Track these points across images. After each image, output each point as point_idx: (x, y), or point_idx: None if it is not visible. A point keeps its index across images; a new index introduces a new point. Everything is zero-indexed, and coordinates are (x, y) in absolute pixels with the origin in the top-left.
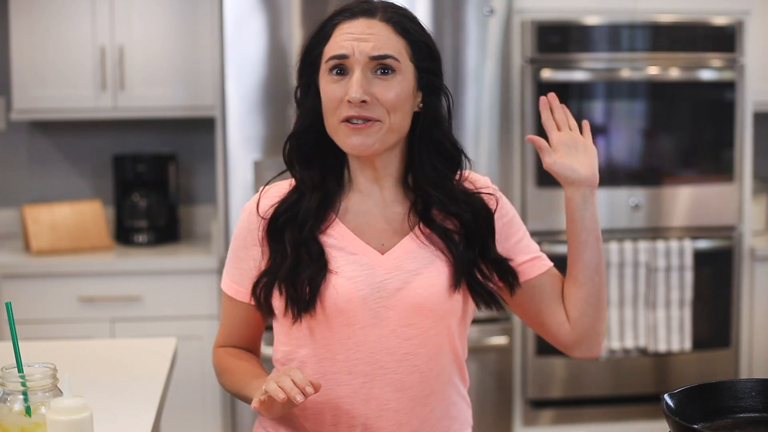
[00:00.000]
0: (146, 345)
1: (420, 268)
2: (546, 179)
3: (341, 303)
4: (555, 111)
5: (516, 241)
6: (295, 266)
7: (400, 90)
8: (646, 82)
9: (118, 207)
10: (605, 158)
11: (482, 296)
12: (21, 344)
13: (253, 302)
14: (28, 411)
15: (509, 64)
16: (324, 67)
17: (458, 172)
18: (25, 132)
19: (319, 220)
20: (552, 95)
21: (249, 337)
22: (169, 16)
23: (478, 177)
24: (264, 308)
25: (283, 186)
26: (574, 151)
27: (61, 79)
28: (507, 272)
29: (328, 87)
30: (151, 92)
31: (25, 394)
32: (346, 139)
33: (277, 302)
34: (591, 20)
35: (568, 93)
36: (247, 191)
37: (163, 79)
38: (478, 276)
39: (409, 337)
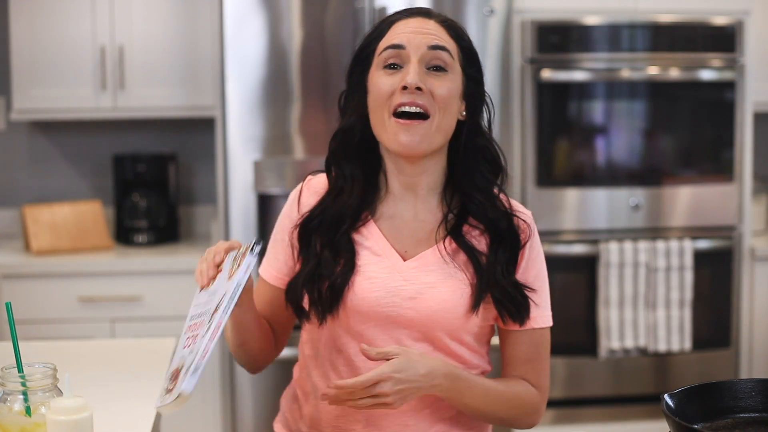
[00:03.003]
0: (146, 345)
1: (436, 282)
2: (546, 179)
3: (357, 300)
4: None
5: (533, 277)
6: (317, 268)
7: (452, 87)
8: (646, 82)
9: (118, 207)
10: (605, 158)
11: (507, 308)
12: (21, 344)
13: (283, 287)
14: (28, 411)
15: (509, 64)
16: (377, 61)
17: (500, 178)
18: (25, 132)
19: (356, 219)
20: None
21: (282, 327)
22: (169, 16)
23: (522, 208)
24: (297, 310)
25: (326, 183)
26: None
27: (61, 79)
28: (519, 299)
29: (380, 80)
30: (151, 92)
31: (25, 394)
32: (394, 136)
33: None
34: (591, 20)
35: (568, 93)
36: (247, 191)
37: (163, 79)
38: (502, 291)
39: (418, 343)
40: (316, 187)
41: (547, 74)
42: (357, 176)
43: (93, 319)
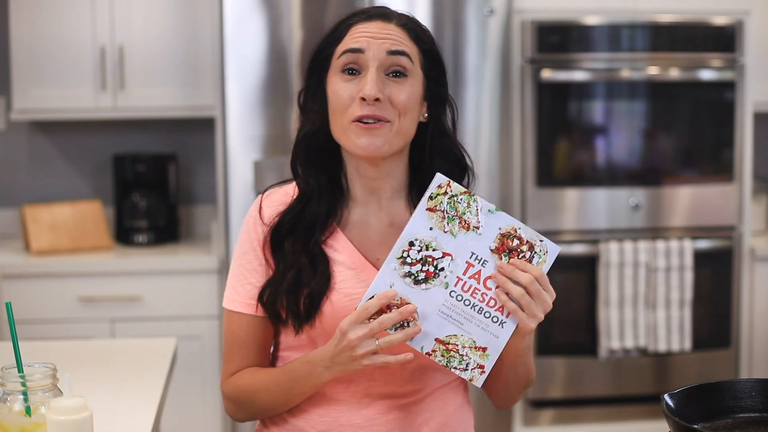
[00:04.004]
0: (146, 345)
1: None
2: (546, 179)
3: (337, 319)
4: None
5: None
6: (297, 277)
7: (411, 92)
8: (646, 82)
9: (118, 207)
10: (605, 158)
11: None
12: (21, 344)
13: (262, 312)
14: (28, 411)
15: (509, 64)
16: (335, 65)
17: (466, 179)
18: (25, 132)
19: (324, 228)
20: (505, 269)
21: (266, 353)
22: (169, 15)
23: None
24: (273, 317)
25: (287, 192)
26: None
27: (61, 79)
28: None
29: (339, 86)
30: (151, 92)
31: (25, 394)
32: (355, 139)
33: (282, 311)
34: (591, 20)
35: (568, 93)
36: (247, 191)
37: (163, 79)
38: None
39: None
40: (275, 202)
41: (547, 74)
42: (323, 183)
43: (93, 319)
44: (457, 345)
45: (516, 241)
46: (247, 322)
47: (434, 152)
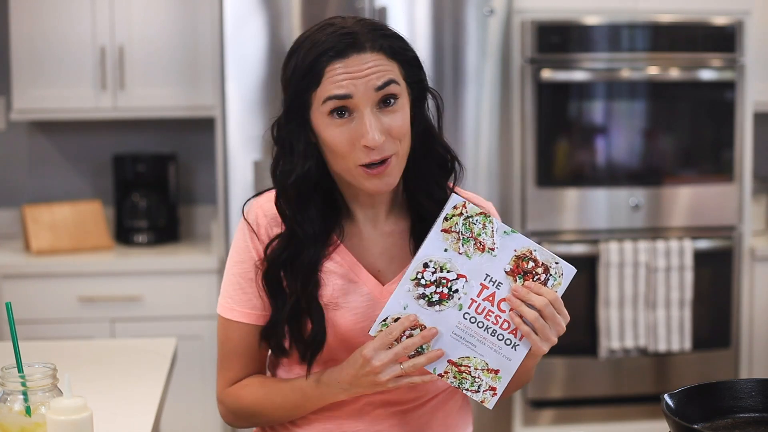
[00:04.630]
0: (146, 345)
1: None
2: (546, 179)
3: (340, 335)
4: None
5: None
6: (297, 303)
7: (404, 115)
8: (646, 82)
9: (118, 207)
10: (605, 158)
11: None
12: (21, 344)
13: (260, 321)
14: (28, 411)
15: (509, 64)
16: (321, 110)
17: (452, 177)
18: (25, 132)
19: (325, 244)
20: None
21: (264, 359)
22: (169, 15)
23: (482, 200)
24: (278, 351)
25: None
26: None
27: (61, 79)
28: None
29: (333, 132)
30: (151, 92)
31: (25, 394)
32: (365, 182)
33: (285, 343)
34: (591, 20)
35: (568, 93)
36: (247, 191)
37: (163, 79)
38: None
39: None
40: (270, 211)
41: (547, 74)
42: (316, 214)
43: (93, 319)
44: (469, 367)
45: (531, 263)
46: (246, 331)
47: (417, 151)
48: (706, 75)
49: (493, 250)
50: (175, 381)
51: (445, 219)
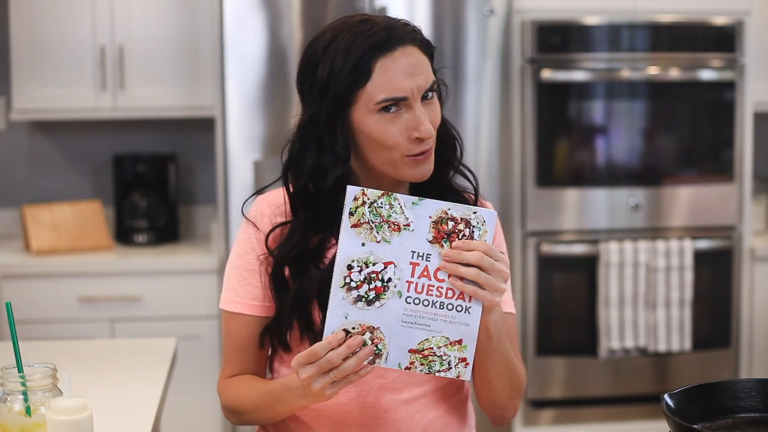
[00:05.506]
0: (146, 345)
1: None
2: (546, 179)
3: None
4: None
5: None
6: (299, 289)
7: (439, 106)
8: (646, 82)
9: (118, 207)
10: (605, 158)
11: None
12: (21, 344)
13: (262, 312)
14: (28, 411)
15: (509, 64)
16: (370, 107)
17: (458, 152)
18: (25, 132)
19: (329, 242)
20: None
21: (264, 355)
22: (169, 15)
23: (488, 205)
24: (282, 347)
25: (280, 196)
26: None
27: (61, 79)
28: None
29: (383, 126)
30: (151, 92)
31: (25, 394)
32: (410, 171)
33: (291, 335)
34: (591, 20)
35: (568, 93)
36: (247, 191)
37: (163, 79)
38: None
39: None
40: (275, 201)
41: (547, 74)
42: (323, 220)
43: (93, 319)
44: (432, 348)
45: (451, 224)
46: (247, 323)
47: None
48: (706, 75)
49: (408, 225)
50: (175, 381)
51: (351, 214)
